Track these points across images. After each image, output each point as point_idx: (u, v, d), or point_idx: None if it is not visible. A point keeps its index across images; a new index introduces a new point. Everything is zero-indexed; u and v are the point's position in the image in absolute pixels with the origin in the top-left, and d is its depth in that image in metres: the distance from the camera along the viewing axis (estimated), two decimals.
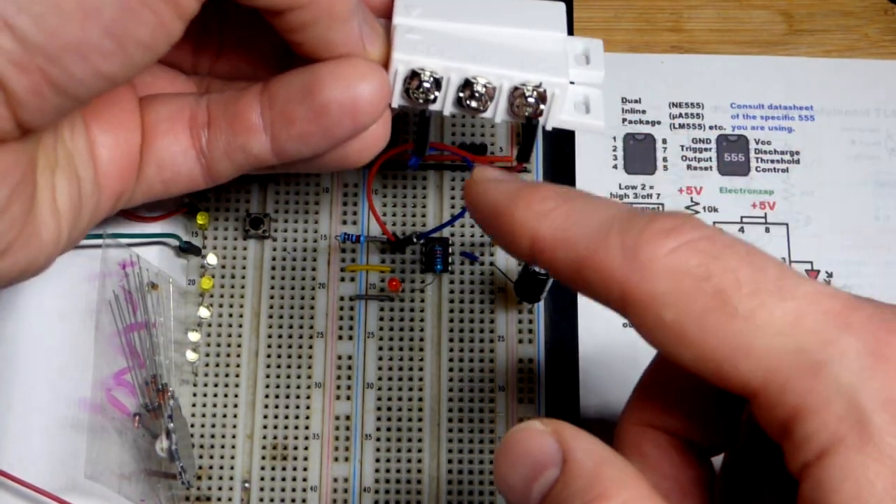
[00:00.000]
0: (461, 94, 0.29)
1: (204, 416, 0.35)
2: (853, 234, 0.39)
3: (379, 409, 0.35)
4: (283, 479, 0.35)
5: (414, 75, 0.29)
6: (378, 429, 0.35)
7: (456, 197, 0.37)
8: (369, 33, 0.29)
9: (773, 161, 0.40)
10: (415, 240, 0.36)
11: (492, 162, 0.37)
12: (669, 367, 0.25)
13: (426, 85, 0.29)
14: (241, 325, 0.36)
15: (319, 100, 0.28)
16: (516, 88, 0.29)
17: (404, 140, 0.38)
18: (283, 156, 0.30)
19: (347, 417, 0.35)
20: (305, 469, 0.35)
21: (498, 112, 0.29)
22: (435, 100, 0.29)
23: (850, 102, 0.40)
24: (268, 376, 0.35)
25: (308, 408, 0.35)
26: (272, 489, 0.34)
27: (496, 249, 0.37)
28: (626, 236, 0.22)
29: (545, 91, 0.29)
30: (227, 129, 0.30)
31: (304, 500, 0.34)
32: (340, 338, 0.36)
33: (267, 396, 0.35)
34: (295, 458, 0.35)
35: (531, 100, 0.29)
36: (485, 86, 0.29)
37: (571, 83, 0.30)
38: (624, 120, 0.40)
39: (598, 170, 0.39)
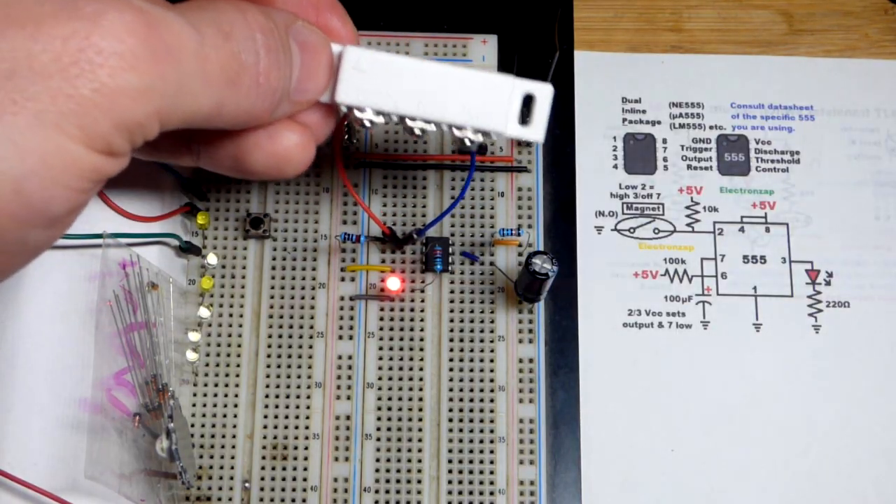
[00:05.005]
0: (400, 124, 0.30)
1: (204, 416, 0.35)
2: (853, 234, 0.39)
3: (379, 409, 0.35)
4: (283, 479, 0.35)
5: (353, 109, 0.29)
6: (378, 429, 0.35)
7: (456, 196, 0.37)
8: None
9: (773, 161, 0.40)
10: (415, 236, 0.36)
11: (492, 162, 0.37)
12: None
13: (367, 123, 0.29)
14: (241, 325, 0.36)
15: (246, 167, 0.29)
16: (454, 132, 0.30)
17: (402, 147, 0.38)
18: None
19: (347, 417, 0.35)
20: (305, 469, 0.35)
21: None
22: (373, 125, 0.30)
23: (850, 102, 0.40)
24: (268, 376, 0.35)
25: (308, 408, 0.35)
26: (272, 489, 0.34)
27: (496, 249, 0.37)
28: None
29: (482, 134, 0.30)
30: None
31: (304, 500, 0.34)
32: (340, 338, 0.36)
33: (267, 396, 0.35)
34: (295, 458, 0.35)
35: (468, 143, 0.30)
36: (422, 129, 0.29)
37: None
38: (624, 120, 0.40)
39: (598, 169, 0.39)
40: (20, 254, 0.24)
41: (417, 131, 0.29)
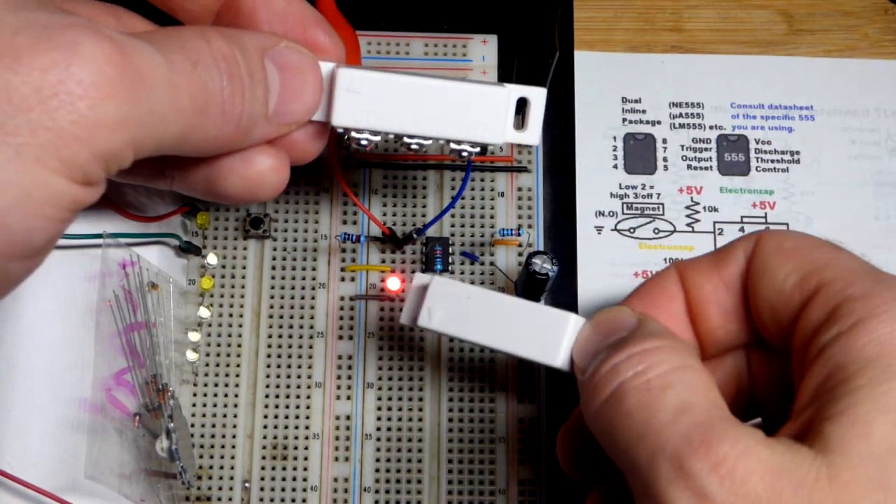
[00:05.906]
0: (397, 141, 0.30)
1: (204, 416, 0.35)
2: (853, 234, 0.39)
3: (379, 409, 0.35)
4: (283, 479, 0.35)
5: (349, 130, 0.29)
6: (378, 429, 0.35)
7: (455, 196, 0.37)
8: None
9: (773, 161, 0.40)
10: (415, 236, 0.36)
11: (492, 162, 0.37)
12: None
13: (363, 143, 0.29)
14: (241, 325, 0.36)
15: (219, 191, 0.29)
16: (452, 146, 0.30)
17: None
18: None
19: (347, 417, 0.35)
20: (305, 469, 0.35)
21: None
22: (369, 144, 0.29)
23: (850, 102, 0.40)
24: (268, 376, 0.35)
25: (308, 408, 0.35)
26: (272, 489, 0.34)
27: (496, 249, 0.37)
28: None
29: (479, 146, 0.30)
30: None
31: (304, 500, 0.34)
32: (340, 338, 0.36)
33: (267, 396, 0.35)
34: (295, 458, 0.35)
35: (465, 154, 0.30)
36: (420, 143, 0.29)
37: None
38: (624, 120, 0.40)
39: (598, 169, 0.39)
40: (1, 286, 0.24)
41: (414, 146, 0.29)
